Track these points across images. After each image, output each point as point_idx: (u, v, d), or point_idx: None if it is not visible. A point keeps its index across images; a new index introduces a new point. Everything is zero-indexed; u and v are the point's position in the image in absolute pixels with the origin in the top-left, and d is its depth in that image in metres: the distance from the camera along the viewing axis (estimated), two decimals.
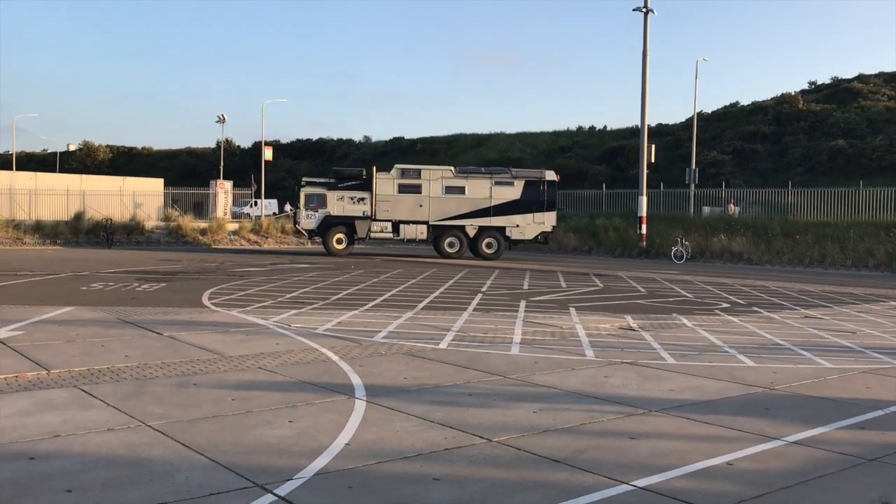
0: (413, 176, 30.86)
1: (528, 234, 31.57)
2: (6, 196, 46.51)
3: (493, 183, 31.03)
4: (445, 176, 30.98)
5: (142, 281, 18.40)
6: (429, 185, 30.64)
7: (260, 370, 8.61)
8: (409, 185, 30.61)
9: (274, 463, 5.46)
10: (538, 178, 31.73)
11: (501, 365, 9.15)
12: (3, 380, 7.82)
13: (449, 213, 30.68)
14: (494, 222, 31.04)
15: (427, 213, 30.64)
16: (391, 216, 30.56)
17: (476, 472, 5.38)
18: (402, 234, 30.81)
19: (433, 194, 30.58)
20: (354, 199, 30.54)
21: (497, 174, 31.63)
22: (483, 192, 30.94)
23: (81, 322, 11.69)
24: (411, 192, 30.54)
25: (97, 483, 4.98)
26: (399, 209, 30.52)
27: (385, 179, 30.61)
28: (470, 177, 31.21)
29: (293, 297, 15.91)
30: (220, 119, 62.94)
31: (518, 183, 31.27)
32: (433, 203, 30.58)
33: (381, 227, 30.66)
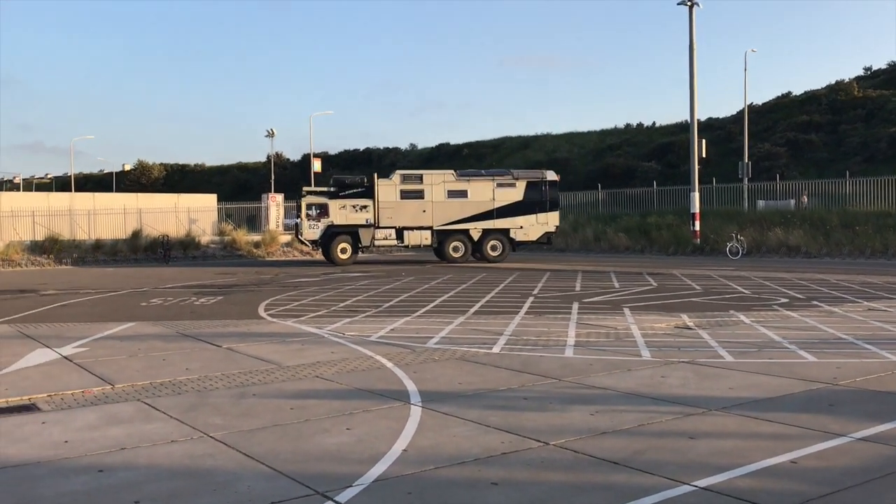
0: (415, 181, 30.57)
1: (532, 235, 31.36)
2: (67, 217, 47.96)
3: (495, 185, 30.85)
4: (447, 180, 30.71)
5: (199, 295, 18.79)
6: (431, 189, 30.35)
7: (317, 379, 8.71)
8: (412, 190, 30.31)
9: (333, 470, 5.53)
10: (539, 179, 31.55)
11: (556, 368, 9.10)
12: (71, 395, 8.07)
13: (452, 217, 30.44)
14: (498, 224, 30.82)
15: (431, 218, 30.34)
16: (395, 223, 30.21)
17: (534, 475, 5.37)
18: (406, 240, 30.40)
19: (436, 199, 30.31)
20: (357, 207, 30.08)
21: (498, 176, 31.42)
22: (486, 194, 30.75)
23: (143, 337, 11.99)
24: (414, 197, 30.24)
25: (163, 494, 5.10)
26: (402, 215, 30.19)
27: (387, 186, 30.26)
28: (472, 180, 31.01)
29: (346, 305, 16.06)
30: (269, 133, 64.04)
31: (520, 184, 31.10)
32: (436, 208, 30.30)
33: (385, 234, 30.27)
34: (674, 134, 66.72)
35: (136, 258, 36.77)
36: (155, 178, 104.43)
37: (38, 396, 8.00)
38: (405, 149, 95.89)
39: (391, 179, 30.57)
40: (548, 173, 32.05)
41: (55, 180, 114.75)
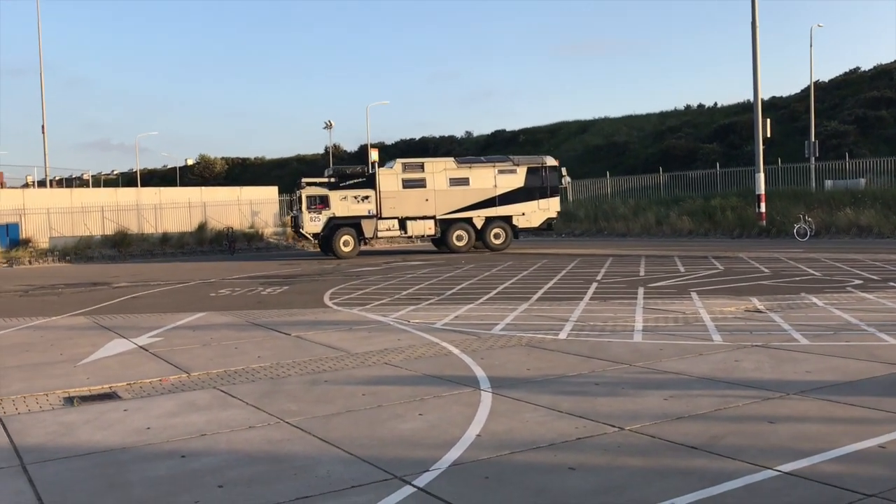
0: (416, 169, 29.89)
1: (534, 221, 30.93)
2: (134, 211, 49.29)
3: (496, 172, 30.38)
4: (449, 167, 30.11)
5: (266, 285, 19.13)
6: (433, 178, 29.75)
7: (386, 365, 8.79)
8: (413, 179, 29.65)
9: (409, 455, 5.57)
10: (540, 165, 31.07)
11: (625, 353, 9.00)
12: (149, 383, 8.30)
13: (455, 205, 29.91)
14: (501, 212, 30.36)
15: (434, 206, 29.76)
16: (397, 213, 29.55)
17: (611, 460, 5.32)
18: (409, 230, 29.79)
19: (438, 187, 29.73)
20: (359, 198, 29.29)
21: (499, 162, 30.95)
22: (487, 181, 30.26)
23: (214, 326, 12.26)
24: (416, 186, 29.59)
25: (244, 479, 5.21)
26: (405, 205, 29.55)
27: (388, 175, 29.59)
28: (473, 167, 30.51)
29: (409, 293, 16.16)
30: (327, 125, 64.67)
31: (521, 170, 30.63)
32: (439, 196, 29.72)
33: (388, 225, 29.56)
34: (736, 114, 65.11)
35: (202, 250, 37.62)
36: (217, 172, 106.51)
37: (118, 385, 8.25)
38: (461, 137, 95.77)
39: (392, 168, 29.91)
40: (547, 159, 31.62)
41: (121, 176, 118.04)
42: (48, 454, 5.90)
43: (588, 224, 41.61)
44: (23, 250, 36.91)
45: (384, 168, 30.00)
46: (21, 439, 6.31)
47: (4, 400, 7.71)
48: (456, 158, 31.07)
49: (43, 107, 43.74)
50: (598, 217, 41.82)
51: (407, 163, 30.30)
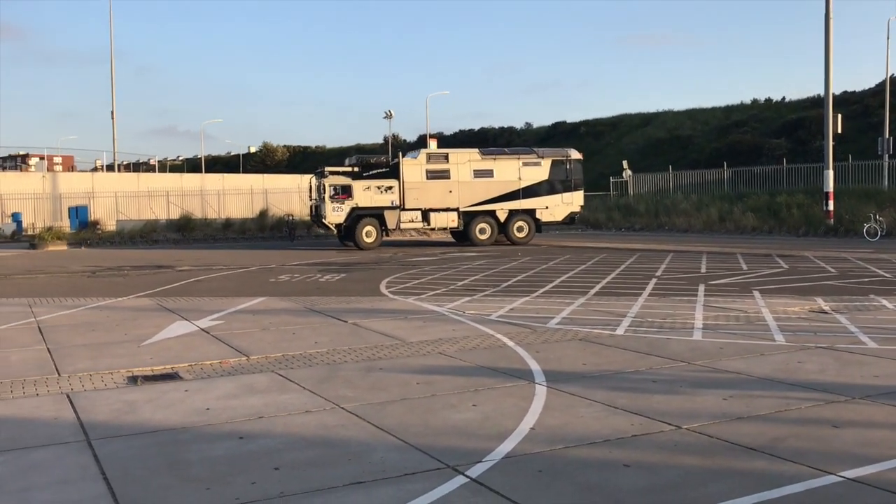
0: (441, 160, 29.20)
1: (557, 215, 30.31)
2: (198, 197, 50.39)
3: (521, 164, 29.73)
4: (473, 159, 29.41)
5: (324, 272, 19.36)
6: (457, 169, 29.06)
7: (440, 355, 8.81)
8: (438, 170, 28.92)
9: (462, 445, 5.58)
10: (564, 158, 30.36)
11: (684, 351, 8.85)
12: (210, 365, 8.49)
13: (479, 198, 29.24)
14: (524, 205, 29.71)
15: (457, 199, 29.06)
16: (420, 204, 28.79)
17: (667, 458, 5.24)
18: (432, 223, 29.12)
19: (462, 179, 29.04)
20: (382, 189, 28.50)
21: (524, 154, 30.30)
22: (512, 174, 29.62)
23: (273, 311, 12.46)
24: (440, 177, 28.87)
25: (301, 462, 5.29)
26: (428, 196, 28.81)
27: (412, 165, 28.84)
28: (498, 158, 29.87)
29: (465, 284, 16.16)
30: (387, 115, 65.00)
31: (545, 163, 29.96)
32: (462, 188, 29.02)
33: (411, 216, 28.80)
34: (805, 109, 63.26)
35: (262, 236, 38.25)
36: (279, 159, 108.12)
37: (179, 366, 8.46)
38: (520, 128, 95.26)
39: (416, 158, 29.17)
40: (571, 151, 30.96)
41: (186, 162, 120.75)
42: (112, 431, 6.09)
43: (648, 219, 41.00)
44: (91, 232, 38.07)
45: (408, 158, 29.33)
46: (87, 416, 6.52)
47: (72, 377, 7.97)
48: (480, 150, 30.53)
49: (113, 93, 45.01)
50: (658, 212, 41.17)
51: (431, 153, 29.68)
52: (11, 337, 10.38)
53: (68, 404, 6.90)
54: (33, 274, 20.10)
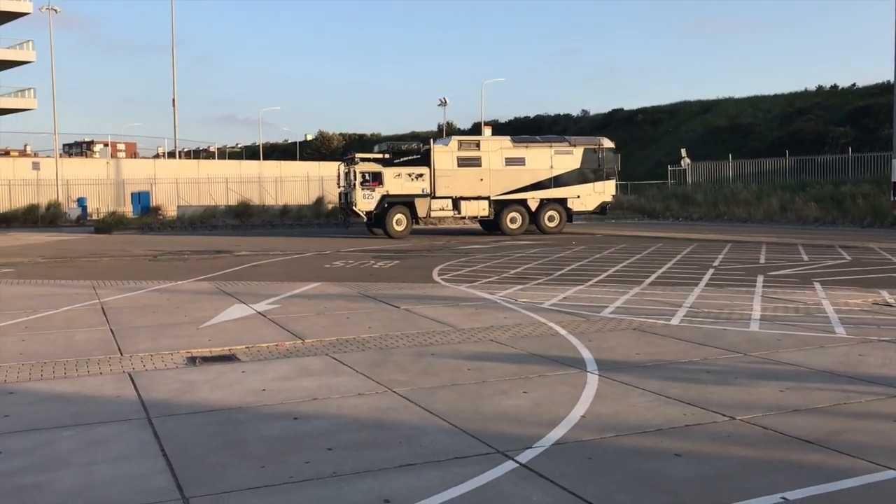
0: (472, 148, 28.77)
1: (589, 204, 29.78)
2: (256, 183, 51.25)
3: (553, 152, 29.18)
4: (504, 146, 28.98)
5: (377, 259, 19.54)
6: (488, 157, 28.59)
7: (491, 342, 8.84)
8: (469, 158, 28.45)
9: (512, 431, 5.60)
10: (596, 146, 29.76)
11: (740, 342, 8.70)
12: (266, 348, 8.66)
13: (510, 186, 28.74)
14: (556, 194, 29.21)
15: (488, 187, 28.59)
16: (451, 192, 28.30)
17: (720, 449, 5.18)
18: (462, 211, 28.70)
19: (493, 167, 28.56)
20: (413, 176, 28.02)
21: (556, 143, 29.75)
22: (544, 162, 29.09)
23: (328, 296, 12.64)
24: (471, 165, 28.41)
25: (353, 443, 5.38)
26: (459, 184, 28.33)
27: (443, 153, 28.37)
28: (529, 146, 29.35)
29: (517, 272, 16.13)
30: (441, 102, 65.03)
31: (577, 151, 29.40)
32: (494, 176, 28.54)
33: (441, 205, 28.35)
34: (872, 96, 61.21)
35: (318, 223, 38.70)
36: (335, 147, 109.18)
37: (237, 348, 8.65)
38: (576, 115, 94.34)
39: (447, 146, 28.74)
40: (604, 140, 30.40)
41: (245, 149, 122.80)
42: (171, 409, 6.27)
43: (706, 208, 40.24)
44: (153, 217, 39.05)
45: (439, 145, 28.94)
46: (147, 394, 6.73)
47: (133, 357, 8.22)
48: (512, 137, 30.08)
49: (174, 82, 46.02)
50: (717, 201, 40.38)
51: (463, 140, 29.34)
52: (77, 317, 10.75)
53: (130, 383, 7.12)
54: (97, 257, 20.73)
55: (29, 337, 9.31)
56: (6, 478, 4.79)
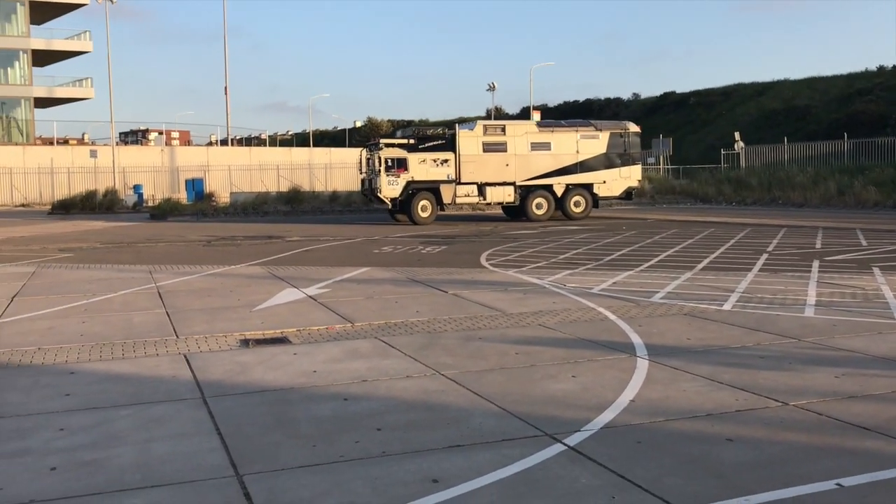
0: (497, 132, 28.12)
1: (615, 190, 29.11)
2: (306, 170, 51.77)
3: (578, 137, 28.54)
4: (530, 131, 28.39)
5: (425, 244, 19.62)
6: (514, 141, 27.99)
7: (539, 327, 8.82)
8: (494, 143, 27.85)
9: (561, 414, 5.59)
10: (622, 130, 29.02)
11: (794, 327, 8.53)
12: (317, 331, 8.78)
13: (535, 171, 28.14)
14: (582, 179, 28.58)
15: (514, 172, 27.99)
16: (476, 178, 27.75)
17: (773, 434, 5.10)
18: (488, 197, 28.07)
19: (519, 152, 27.94)
20: (438, 162, 27.43)
21: (582, 127, 29.09)
22: (570, 146, 28.43)
23: (377, 281, 12.75)
24: (496, 150, 27.84)
25: (401, 424, 5.43)
26: (485, 170, 27.77)
27: (469, 137, 27.76)
28: (555, 131, 28.73)
29: (566, 258, 16.04)
30: (490, 87, 64.70)
31: (603, 136, 28.73)
32: (519, 161, 27.95)
33: (467, 191, 27.79)
34: None
35: (367, 209, 38.93)
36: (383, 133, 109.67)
37: (288, 331, 8.79)
38: (627, 99, 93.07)
39: (473, 130, 28.06)
40: (629, 124, 29.73)
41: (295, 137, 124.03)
42: (225, 389, 6.42)
43: (761, 193, 39.41)
44: (206, 203, 39.74)
45: (464, 130, 28.21)
46: (202, 375, 6.89)
47: (189, 339, 8.41)
48: (538, 122, 29.54)
49: (226, 70, 46.78)
50: (772, 186, 39.51)
51: (488, 125, 28.57)
52: (134, 301, 11.03)
53: (185, 364, 7.30)
54: (153, 243, 21.22)
55: (89, 319, 9.59)
56: (68, 454, 4.96)
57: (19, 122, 56.93)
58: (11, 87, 56.23)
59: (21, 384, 6.64)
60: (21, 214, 37.66)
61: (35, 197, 47.08)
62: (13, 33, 56.11)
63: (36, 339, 8.45)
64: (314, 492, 4.31)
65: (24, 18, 56.20)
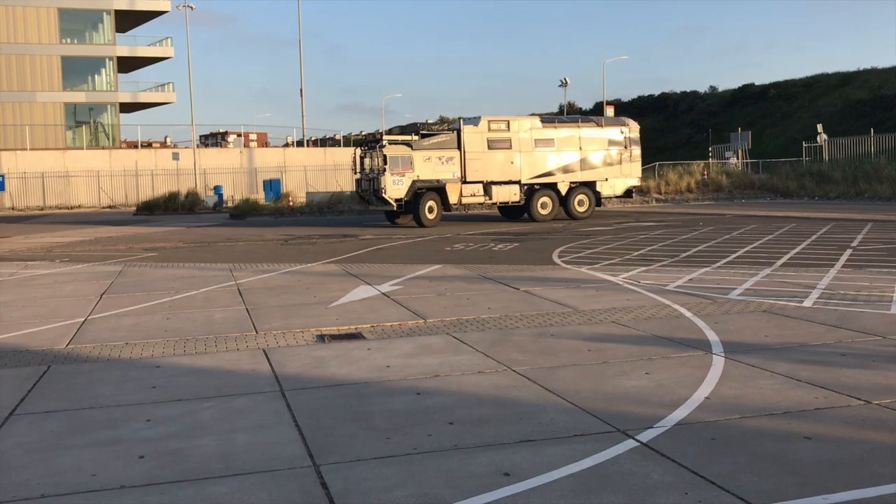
0: (502, 128, 26.54)
1: (617, 188, 27.91)
2: None
3: (581, 133, 27.30)
4: (534, 126, 26.93)
5: (497, 241, 19.64)
6: (518, 138, 26.53)
7: (612, 324, 8.76)
8: (499, 139, 26.31)
9: (633, 411, 5.57)
10: (623, 127, 27.77)
11: (879, 325, 8.25)
12: (390, 326, 8.93)
13: (540, 169, 26.78)
14: (585, 177, 27.35)
15: (519, 170, 26.50)
16: (482, 176, 26.13)
17: (853, 433, 4.97)
18: (494, 196, 26.40)
19: (524, 149, 26.53)
20: (443, 159, 25.56)
21: (584, 123, 27.84)
22: (573, 143, 27.15)
23: (448, 278, 12.85)
24: (501, 147, 26.32)
25: (473, 418, 5.50)
26: (490, 168, 26.19)
27: (473, 133, 26.08)
28: (559, 126, 27.40)
29: (640, 254, 15.84)
30: (562, 83, 64.18)
31: (605, 132, 27.52)
32: (525, 159, 26.52)
33: (472, 190, 26.06)
34: None
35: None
36: None
37: (363, 326, 8.96)
38: (703, 92, 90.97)
39: (477, 126, 26.34)
40: (630, 121, 28.57)
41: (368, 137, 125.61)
42: (302, 383, 6.60)
43: (845, 186, 37.99)
44: (283, 203, 40.62)
45: (468, 125, 26.46)
46: (280, 369, 7.10)
47: (267, 334, 8.67)
48: (541, 117, 28.35)
49: (301, 73, 47.65)
50: (857, 178, 38.04)
51: (493, 120, 26.84)
52: (215, 298, 11.41)
53: (264, 358, 7.53)
54: (233, 242, 21.84)
55: (173, 315, 9.98)
56: (154, 443, 5.20)
57: (106, 127, 59.30)
58: (98, 94, 58.61)
59: (111, 377, 6.97)
60: (108, 216, 39.24)
61: (121, 199, 48.99)
62: (100, 41, 58.47)
63: (123, 334, 8.85)
64: (388, 482, 4.41)
65: (110, 27, 58.51)
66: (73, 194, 48.31)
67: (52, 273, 14.95)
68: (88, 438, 5.32)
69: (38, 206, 46.67)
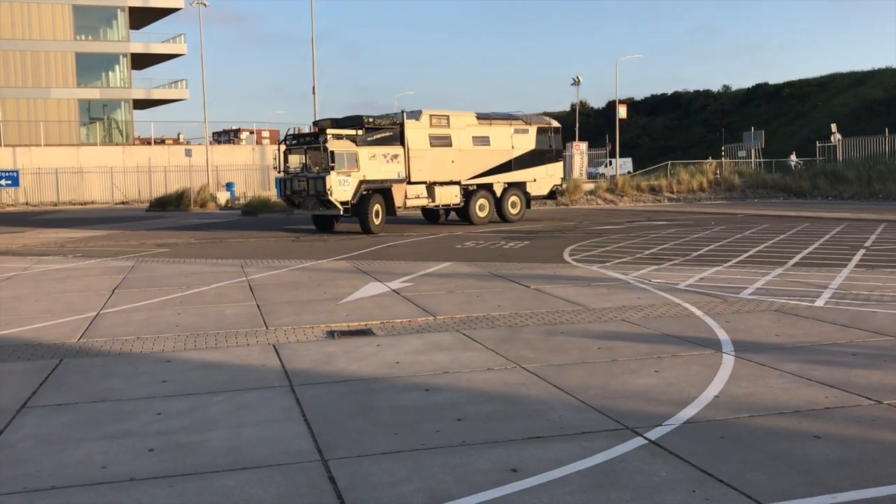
0: (443, 124, 24.41)
1: (543, 188, 26.75)
2: None
3: (512, 131, 25.96)
4: (471, 123, 25.08)
5: (507, 239, 19.63)
6: (458, 135, 24.49)
7: (623, 322, 8.74)
8: (440, 136, 24.15)
9: (642, 409, 5.56)
10: (547, 125, 26.92)
11: (891, 325, 8.20)
12: (400, 323, 8.94)
13: (478, 169, 24.98)
14: (518, 177, 25.89)
15: (459, 170, 24.50)
16: (426, 176, 23.80)
17: (863, 432, 4.94)
18: (437, 198, 24.14)
19: (463, 147, 24.58)
20: (388, 157, 22.78)
21: (514, 120, 26.43)
22: (506, 142, 25.63)
23: (459, 275, 12.85)
24: (442, 144, 24.19)
25: (482, 415, 5.50)
26: (433, 167, 23.93)
27: (416, 129, 23.69)
28: (493, 123, 25.57)
29: (652, 253, 15.79)
30: (575, 81, 64.08)
31: (532, 130, 26.29)
32: (464, 157, 24.59)
33: (417, 192, 23.66)
34: None
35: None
36: None
37: (372, 323, 8.98)
38: (717, 91, 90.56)
39: (419, 121, 23.93)
40: (552, 121, 27.68)
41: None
42: (312, 378, 6.62)
43: (859, 186, 37.74)
44: None
45: (411, 120, 23.87)
46: (290, 364, 7.12)
47: (277, 330, 8.70)
48: (478, 114, 26.28)
49: (314, 71, 47.62)
50: (871, 179, 37.78)
51: (434, 114, 24.51)
52: (226, 293, 11.45)
53: (274, 354, 7.56)
54: (245, 238, 21.91)
55: (184, 310, 10.02)
56: (165, 436, 5.23)
57: (119, 124, 59.58)
58: (112, 90, 58.90)
59: (121, 371, 7.02)
60: (121, 211, 39.46)
61: (134, 195, 49.21)
62: (114, 38, 58.72)
63: (134, 329, 8.90)
64: (396, 477, 4.42)
65: (125, 24, 58.75)
66: (87, 190, 48.57)
67: (64, 268, 15.06)
68: (99, 431, 5.36)
69: (51, 201, 46.95)
